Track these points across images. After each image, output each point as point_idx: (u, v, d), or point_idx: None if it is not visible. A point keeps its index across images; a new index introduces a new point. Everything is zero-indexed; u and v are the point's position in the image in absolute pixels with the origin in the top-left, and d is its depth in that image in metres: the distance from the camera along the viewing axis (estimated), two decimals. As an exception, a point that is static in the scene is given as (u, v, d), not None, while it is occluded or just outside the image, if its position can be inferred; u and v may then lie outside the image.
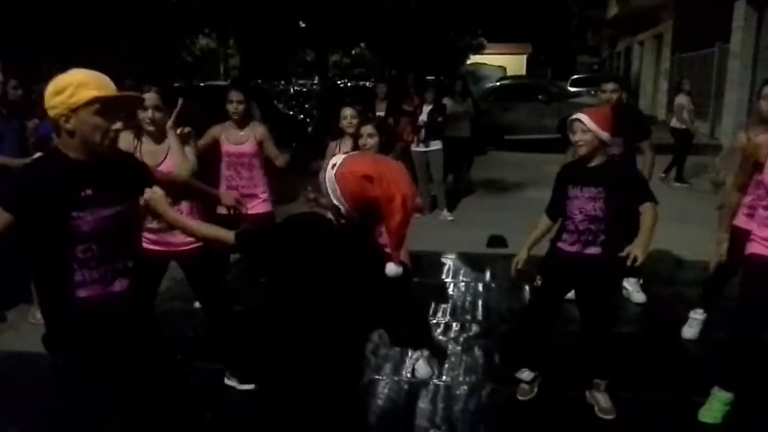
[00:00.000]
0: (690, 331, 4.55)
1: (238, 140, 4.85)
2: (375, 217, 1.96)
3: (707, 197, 9.01)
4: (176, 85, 13.89)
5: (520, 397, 3.76)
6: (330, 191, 1.97)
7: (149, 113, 3.54)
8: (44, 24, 9.59)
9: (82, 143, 2.23)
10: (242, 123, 4.84)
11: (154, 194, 2.48)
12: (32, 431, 3.30)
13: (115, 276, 2.33)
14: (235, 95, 4.80)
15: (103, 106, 2.20)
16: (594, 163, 3.38)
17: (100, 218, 2.26)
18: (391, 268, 1.98)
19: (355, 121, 4.65)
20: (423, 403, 3.74)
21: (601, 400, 3.57)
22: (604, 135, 3.31)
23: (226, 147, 4.86)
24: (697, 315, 4.56)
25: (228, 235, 2.24)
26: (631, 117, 4.98)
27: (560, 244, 3.48)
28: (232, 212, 3.12)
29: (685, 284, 5.57)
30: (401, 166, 2.04)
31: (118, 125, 2.25)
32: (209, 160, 4.78)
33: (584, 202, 3.35)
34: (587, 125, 3.29)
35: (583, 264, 3.40)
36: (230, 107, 4.77)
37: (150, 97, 3.53)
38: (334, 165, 1.99)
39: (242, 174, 4.90)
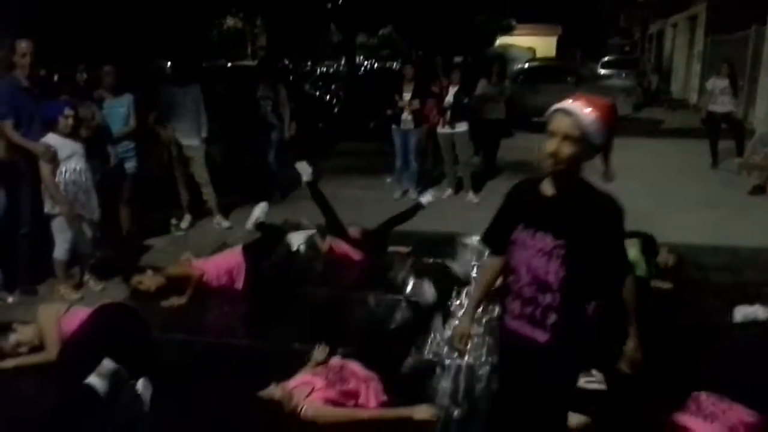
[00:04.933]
0: None
1: None
2: None
3: (736, 181, 8.88)
4: (204, 65, 13.96)
5: None
6: None
7: None
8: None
9: None
10: None
11: None
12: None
13: None
14: None
15: None
16: (559, 185, 2.33)
17: None
18: None
19: None
20: (445, 382, 3.76)
21: None
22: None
23: None
24: None
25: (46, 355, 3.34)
26: None
27: (506, 317, 2.50)
28: None
29: (713, 270, 5.49)
30: None
31: None
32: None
33: (533, 257, 2.34)
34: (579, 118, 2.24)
35: (528, 353, 2.41)
36: None
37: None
38: None
39: None
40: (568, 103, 2.28)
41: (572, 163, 2.26)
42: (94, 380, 3.21)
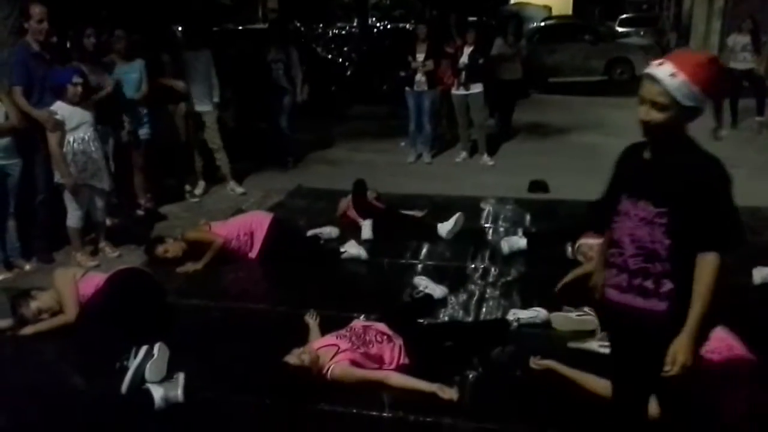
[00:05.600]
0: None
1: None
2: None
3: (757, 140, 8.72)
4: (215, 29, 13.80)
5: None
6: None
7: None
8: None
9: None
10: None
11: None
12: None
13: None
14: None
15: None
16: (657, 149, 2.22)
17: None
18: None
19: None
20: (460, 345, 3.76)
21: None
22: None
23: None
24: None
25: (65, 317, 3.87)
26: None
27: (606, 288, 2.40)
28: None
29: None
30: None
31: None
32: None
33: (636, 227, 2.23)
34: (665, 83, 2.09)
35: (643, 325, 2.26)
36: None
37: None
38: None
39: None
40: (655, 67, 2.13)
41: (666, 128, 2.13)
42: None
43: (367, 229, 5.54)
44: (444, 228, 5.51)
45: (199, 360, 3.57)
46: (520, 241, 5.12)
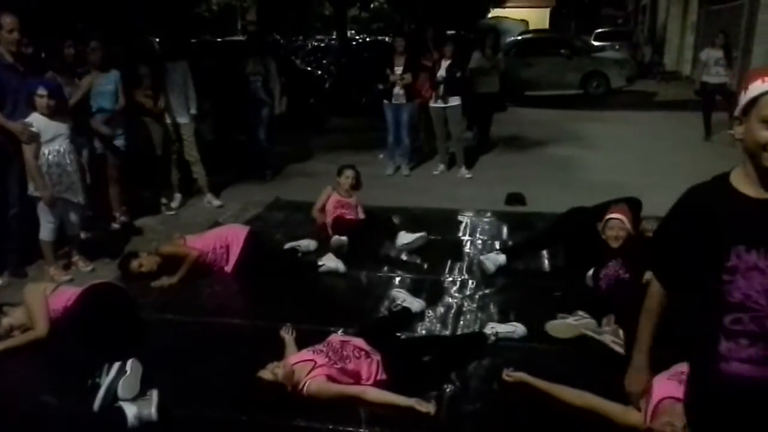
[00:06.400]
0: None
1: None
2: None
3: (729, 154, 8.85)
4: (193, 40, 13.75)
5: None
6: None
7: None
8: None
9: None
10: None
11: None
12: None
13: None
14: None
15: None
16: None
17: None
18: None
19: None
20: (437, 359, 3.74)
21: None
22: None
23: None
24: None
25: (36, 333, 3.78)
26: None
27: (724, 365, 1.83)
28: None
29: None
30: None
31: None
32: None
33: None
34: None
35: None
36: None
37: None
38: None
39: None
40: None
41: None
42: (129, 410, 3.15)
43: (338, 242, 5.43)
44: (401, 239, 5.52)
45: (174, 376, 3.51)
46: (499, 258, 5.08)
